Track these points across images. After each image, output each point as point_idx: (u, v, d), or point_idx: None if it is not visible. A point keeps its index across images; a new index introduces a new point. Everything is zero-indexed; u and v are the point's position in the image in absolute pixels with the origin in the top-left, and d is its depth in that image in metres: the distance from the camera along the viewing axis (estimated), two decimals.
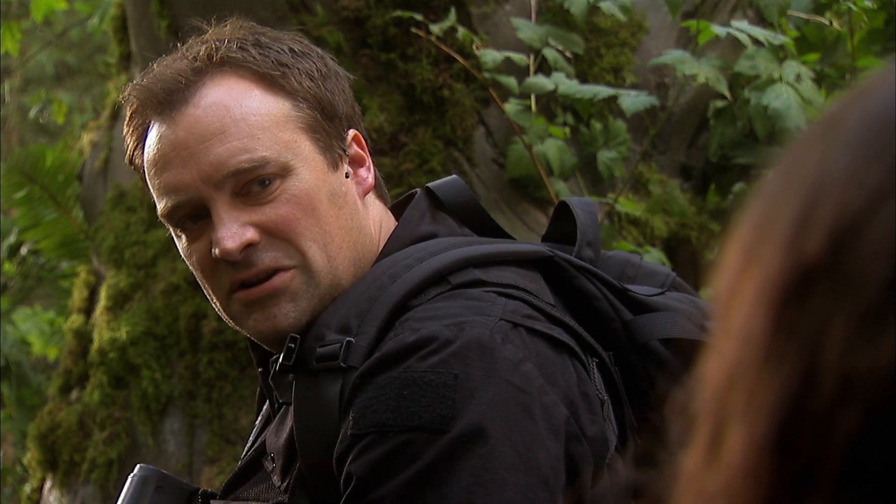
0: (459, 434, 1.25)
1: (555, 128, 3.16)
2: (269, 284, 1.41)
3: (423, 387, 1.27)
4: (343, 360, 1.33)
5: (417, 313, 1.33)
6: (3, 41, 5.36)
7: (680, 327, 1.45)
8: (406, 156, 3.17)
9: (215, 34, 1.49)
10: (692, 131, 3.39)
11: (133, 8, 3.64)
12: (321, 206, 1.42)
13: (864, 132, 0.52)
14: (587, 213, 1.57)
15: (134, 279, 3.50)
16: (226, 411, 3.24)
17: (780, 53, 3.21)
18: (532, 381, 1.30)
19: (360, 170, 1.50)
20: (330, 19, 3.21)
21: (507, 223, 3.14)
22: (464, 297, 1.35)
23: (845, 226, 0.50)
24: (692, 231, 3.31)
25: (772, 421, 0.50)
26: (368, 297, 1.37)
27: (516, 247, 1.48)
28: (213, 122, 1.41)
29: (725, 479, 0.52)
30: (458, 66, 3.17)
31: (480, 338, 1.29)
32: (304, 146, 1.43)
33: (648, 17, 3.42)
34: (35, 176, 4.40)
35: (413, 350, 1.29)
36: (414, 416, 1.26)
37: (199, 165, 1.41)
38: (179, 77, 1.43)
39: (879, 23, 3.37)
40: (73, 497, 3.46)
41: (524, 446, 1.27)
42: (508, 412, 1.27)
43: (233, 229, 1.40)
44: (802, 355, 0.50)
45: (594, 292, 1.45)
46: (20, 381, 5.13)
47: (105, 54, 6.49)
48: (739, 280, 0.54)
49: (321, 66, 1.49)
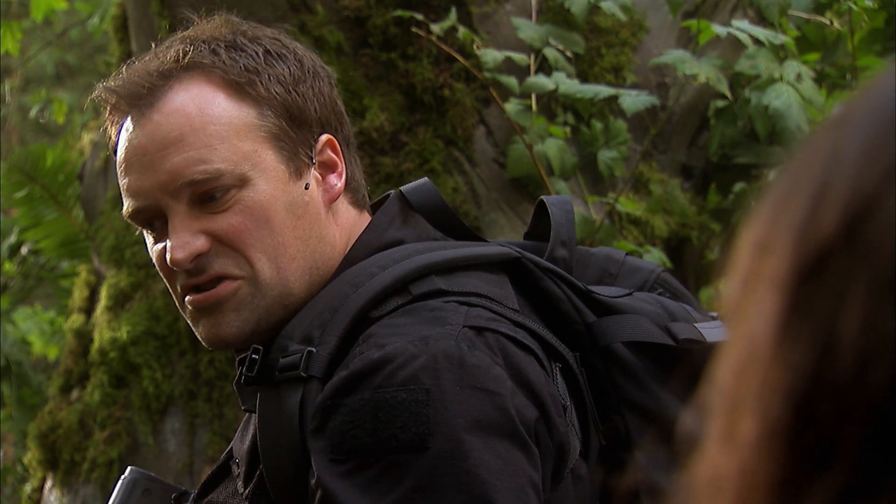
0: (439, 450, 1.25)
1: (555, 127, 3.16)
2: (214, 293, 1.42)
3: (396, 406, 1.26)
4: (303, 370, 1.33)
5: (380, 329, 1.33)
6: (4, 41, 5.36)
7: (642, 330, 1.44)
8: (406, 155, 3.17)
9: (195, 31, 1.50)
10: (693, 131, 3.39)
11: (134, 7, 3.64)
12: (276, 217, 1.42)
13: (873, 117, 0.53)
14: (563, 211, 1.57)
15: (134, 279, 3.50)
16: (226, 411, 3.25)
17: (780, 53, 3.21)
18: (503, 383, 1.29)
19: (331, 176, 1.49)
20: (330, 19, 3.21)
21: (508, 223, 3.14)
22: (424, 309, 1.34)
23: (860, 202, 0.51)
24: (693, 231, 3.31)
25: (787, 400, 0.51)
26: (330, 307, 1.37)
27: (482, 250, 1.47)
28: (172, 130, 1.41)
29: (740, 460, 0.52)
30: (458, 65, 3.17)
31: (447, 349, 1.29)
32: (264, 156, 1.43)
33: (649, 17, 3.42)
34: (35, 175, 4.40)
35: (380, 367, 1.28)
36: (392, 439, 1.25)
37: (156, 174, 1.42)
38: (146, 81, 1.44)
39: (880, 22, 3.37)
40: (74, 497, 3.46)
41: (506, 450, 1.27)
42: (485, 420, 1.27)
43: (184, 238, 1.41)
44: (819, 332, 0.51)
45: (558, 294, 1.45)
46: (21, 380, 5.14)
47: (106, 54, 6.49)
48: (752, 273, 0.54)
49: (295, 69, 1.47)
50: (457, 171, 3.18)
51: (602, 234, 3.12)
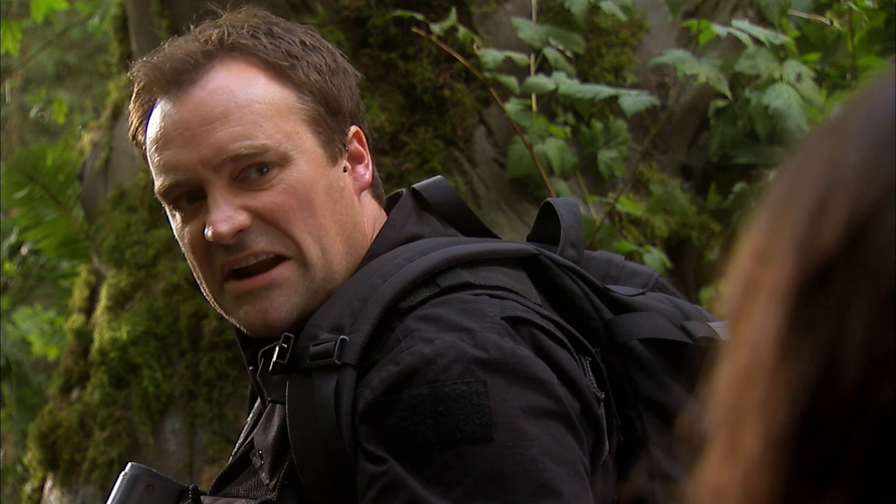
0: (504, 440, 1.26)
1: (555, 127, 3.16)
2: (268, 275, 1.41)
3: (456, 399, 1.27)
4: (338, 358, 1.33)
5: (420, 324, 1.33)
6: (4, 41, 5.37)
7: (659, 327, 1.46)
8: (407, 155, 3.17)
9: (229, 19, 1.50)
10: (693, 131, 3.39)
11: (134, 7, 3.64)
12: (317, 199, 1.43)
13: (872, 128, 0.52)
14: (571, 213, 1.58)
15: (134, 279, 3.50)
16: (226, 411, 3.25)
17: (780, 53, 3.21)
18: (549, 375, 1.32)
19: (359, 166, 1.51)
20: (331, 19, 3.21)
21: (508, 223, 3.15)
22: (458, 302, 1.35)
23: (862, 216, 0.50)
24: (693, 231, 3.31)
25: (790, 415, 0.50)
26: (360, 297, 1.37)
27: (502, 246, 1.48)
28: (217, 106, 1.42)
29: (742, 474, 0.52)
30: (458, 65, 3.17)
31: (494, 341, 1.31)
32: (305, 138, 1.44)
33: (649, 17, 3.42)
34: (36, 175, 4.41)
35: (433, 361, 1.29)
36: (455, 431, 1.26)
37: (199, 147, 1.42)
38: (189, 58, 1.44)
39: (880, 22, 3.37)
40: (74, 497, 3.46)
41: (562, 436, 1.29)
42: (540, 407, 1.29)
43: (227, 212, 1.41)
44: (822, 346, 0.50)
45: (576, 291, 1.46)
46: (21, 380, 5.14)
47: (106, 54, 6.49)
48: (751, 285, 0.54)
49: (330, 61, 1.50)
50: (457, 171, 3.18)
51: (602, 233, 3.12)
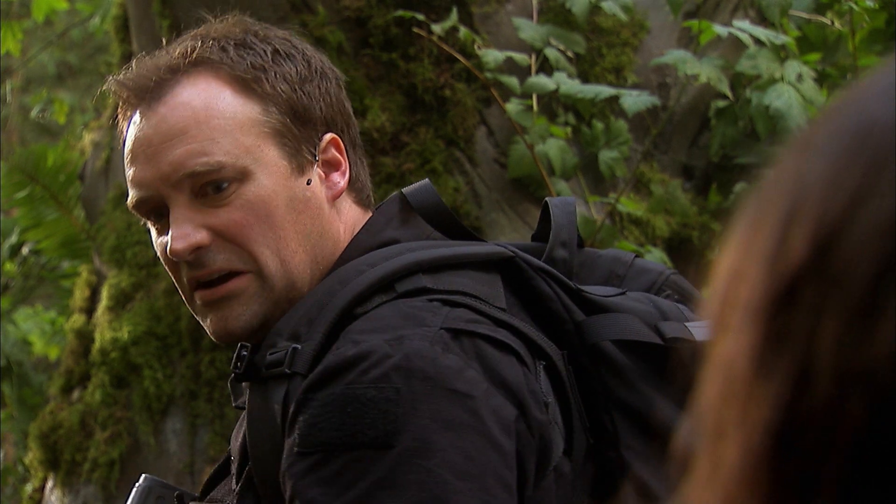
0: (405, 449, 1.25)
1: (556, 127, 3.16)
2: (224, 287, 1.43)
3: (365, 403, 1.27)
4: (288, 367, 1.34)
5: (358, 325, 1.34)
6: (5, 41, 5.37)
7: (628, 328, 1.45)
8: (408, 156, 3.17)
9: (207, 29, 1.52)
10: (694, 131, 3.39)
11: (134, 7, 3.65)
12: (277, 212, 1.43)
13: (838, 140, 0.52)
14: (565, 212, 1.58)
15: (135, 279, 3.50)
16: (227, 411, 3.25)
17: (781, 53, 3.21)
18: (477, 385, 1.30)
19: (334, 174, 1.50)
20: (331, 19, 3.21)
21: (509, 223, 3.15)
22: (404, 306, 1.35)
23: (827, 229, 0.50)
24: (694, 231, 3.31)
25: (767, 430, 0.51)
26: (318, 304, 1.38)
27: (474, 249, 1.47)
28: (177, 122, 1.44)
29: (724, 492, 0.52)
30: (459, 65, 3.17)
31: (420, 350, 1.29)
32: (267, 151, 1.44)
33: (650, 17, 3.42)
34: (36, 176, 4.41)
35: (353, 364, 1.29)
36: (358, 434, 1.26)
37: (159, 164, 1.43)
38: (155, 74, 1.46)
39: (880, 22, 3.38)
40: (75, 497, 3.46)
41: (475, 451, 1.27)
42: (454, 420, 1.27)
43: (185, 230, 1.42)
44: (794, 362, 0.50)
45: (548, 293, 1.45)
46: (21, 380, 5.14)
47: (107, 54, 6.49)
48: (727, 302, 0.54)
49: (303, 69, 1.49)
50: (458, 172, 3.18)
51: (603, 234, 3.12)
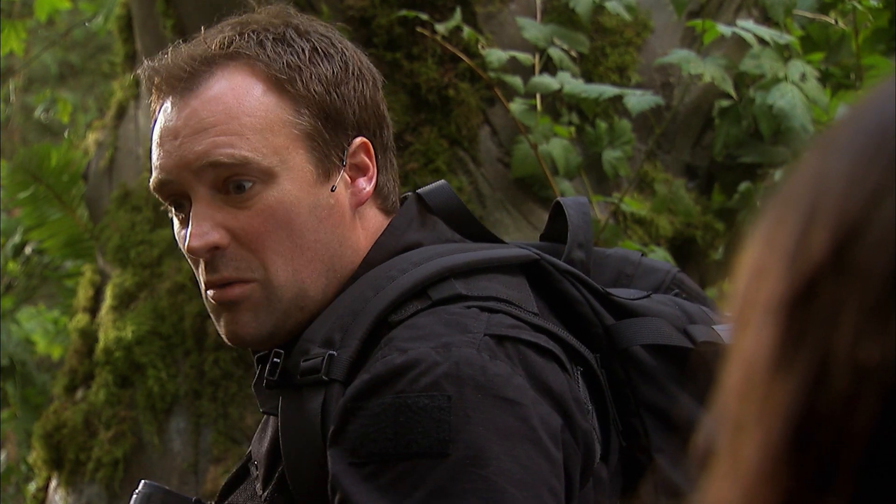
0: (460, 457, 1.24)
1: (560, 127, 3.16)
2: (231, 291, 1.41)
3: (417, 412, 1.25)
4: (325, 374, 1.33)
5: (402, 332, 1.32)
6: (8, 41, 5.37)
7: (660, 332, 1.44)
8: (411, 155, 3.18)
9: (248, 18, 1.49)
10: (697, 130, 3.39)
11: (138, 7, 3.65)
12: (297, 220, 1.41)
13: (859, 139, 0.53)
14: (580, 213, 1.56)
15: (139, 278, 3.51)
16: (231, 410, 3.25)
17: (785, 53, 3.21)
18: (525, 393, 1.29)
19: (361, 179, 1.47)
20: (335, 18, 3.21)
21: (513, 222, 3.15)
22: (445, 313, 1.34)
23: (847, 225, 0.51)
24: (697, 230, 3.31)
25: (785, 424, 0.51)
26: (351, 311, 1.36)
27: (500, 252, 1.46)
28: (208, 117, 1.41)
29: (743, 486, 0.53)
30: (463, 65, 3.17)
31: (469, 357, 1.28)
32: (294, 154, 1.42)
33: (654, 17, 3.42)
34: (40, 175, 4.41)
35: (402, 373, 1.27)
36: (412, 443, 1.25)
37: (183, 153, 1.41)
38: (188, 65, 1.44)
39: (884, 22, 3.38)
40: (79, 496, 3.47)
41: (528, 459, 1.26)
42: (506, 428, 1.26)
43: (203, 228, 1.40)
44: (813, 357, 0.51)
45: (577, 296, 1.44)
46: (25, 380, 5.14)
47: (110, 54, 6.50)
48: (748, 299, 0.55)
49: (339, 70, 1.47)
50: (461, 171, 3.18)
51: (607, 233, 3.12)
